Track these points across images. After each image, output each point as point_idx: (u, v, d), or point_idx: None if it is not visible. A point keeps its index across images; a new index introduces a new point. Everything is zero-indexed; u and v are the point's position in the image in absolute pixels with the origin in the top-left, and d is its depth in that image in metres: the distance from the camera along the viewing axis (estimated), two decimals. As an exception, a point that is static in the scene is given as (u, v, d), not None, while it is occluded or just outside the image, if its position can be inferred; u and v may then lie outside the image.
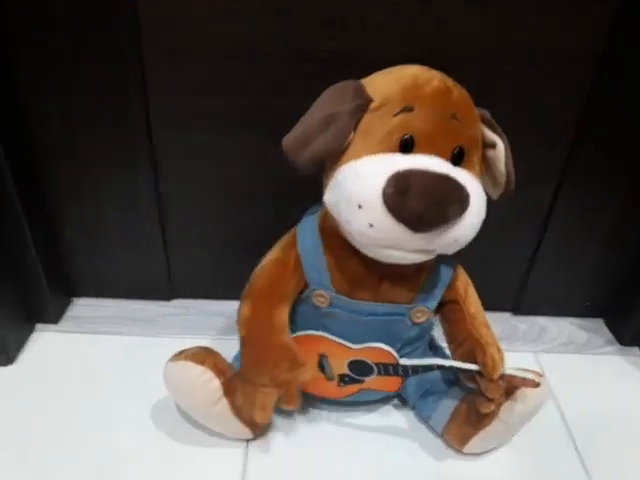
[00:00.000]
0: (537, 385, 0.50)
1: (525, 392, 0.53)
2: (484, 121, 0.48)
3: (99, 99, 0.58)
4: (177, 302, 0.75)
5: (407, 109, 0.43)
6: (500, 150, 0.47)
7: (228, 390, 0.52)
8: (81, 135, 0.60)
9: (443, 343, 0.58)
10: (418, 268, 0.50)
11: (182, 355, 0.52)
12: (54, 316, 0.70)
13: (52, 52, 0.55)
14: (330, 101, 0.45)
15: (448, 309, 0.55)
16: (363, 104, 0.44)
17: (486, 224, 0.67)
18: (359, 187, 0.42)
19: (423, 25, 0.54)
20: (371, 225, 0.42)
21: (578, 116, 0.60)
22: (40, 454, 0.54)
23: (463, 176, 0.43)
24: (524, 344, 0.73)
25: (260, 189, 0.64)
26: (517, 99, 0.59)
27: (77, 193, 0.65)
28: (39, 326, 0.69)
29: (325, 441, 0.57)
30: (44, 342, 0.67)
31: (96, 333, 0.69)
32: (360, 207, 0.42)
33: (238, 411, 0.52)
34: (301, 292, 0.52)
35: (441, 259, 0.51)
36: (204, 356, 0.52)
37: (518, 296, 0.76)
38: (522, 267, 0.73)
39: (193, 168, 0.63)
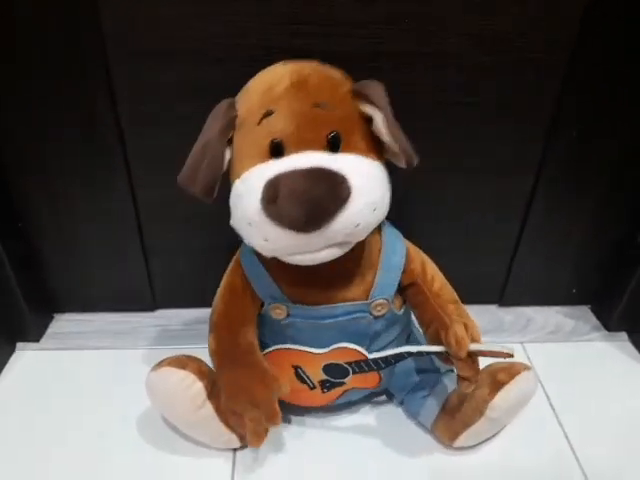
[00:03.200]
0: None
1: (512, 385, 0.52)
2: (358, 96, 0.45)
3: (65, 110, 0.57)
4: (160, 312, 0.74)
5: (267, 114, 0.43)
6: (378, 122, 0.44)
7: (212, 393, 0.52)
8: (51, 148, 0.59)
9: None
10: (363, 261, 0.49)
11: (163, 362, 0.52)
12: (35, 334, 0.69)
13: (13, 66, 0.54)
14: (208, 125, 0.45)
15: (410, 293, 0.53)
16: (229, 123, 0.44)
17: (467, 216, 0.69)
18: (242, 206, 0.42)
19: (395, 18, 0.53)
20: (266, 239, 0.41)
21: (555, 103, 0.60)
22: (27, 472, 0.53)
23: (341, 161, 0.41)
24: (511, 335, 0.73)
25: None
26: (491, 90, 0.58)
27: (51, 207, 0.64)
28: (20, 345, 0.68)
29: (314, 446, 0.57)
30: (25, 361, 0.66)
31: (79, 349, 0.68)
32: (250, 225, 0.41)
33: (223, 415, 0.52)
34: (260, 310, 0.52)
35: (388, 245, 0.51)
36: (185, 361, 0.52)
37: (503, 287, 0.76)
38: (505, 258, 0.73)
39: (168, 176, 0.62)
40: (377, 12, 0.53)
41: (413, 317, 0.57)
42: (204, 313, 0.71)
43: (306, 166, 0.40)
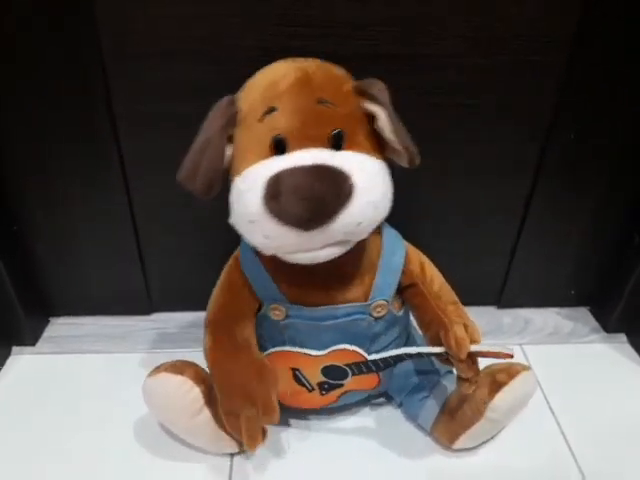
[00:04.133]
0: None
1: (511, 386, 0.52)
2: (361, 93, 0.45)
3: (63, 110, 0.57)
4: (157, 316, 0.74)
5: (270, 110, 0.43)
6: (382, 119, 0.44)
7: (210, 399, 0.51)
8: (48, 149, 0.59)
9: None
10: (362, 262, 0.49)
11: (160, 368, 0.51)
12: (31, 338, 0.69)
13: (12, 65, 0.54)
14: (208, 122, 0.45)
15: (410, 294, 0.53)
16: (231, 119, 0.44)
17: (465, 217, 0.69)
18: (243, 203, 0.41)
19: (391, 20, 0.53)
20: (267, 237, 0.41)
21: (554, 104, 0.60)
22: (24, 476, 0.53)
23: (344, 158, 0.41)
24: (510, 337, 0.72)
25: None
26: (490, 91, 0.58)
27: (47, 209, 0.63)
28: (15, 349, 0.68)
29: (313, 449, 0.56)
30: (21, 366, 0.66)
31: (75, 352, 0.68)
32: (251, 222, 0.41)
33: (221, 421, 0.51)
34: (259, 310, 0.52)
35: (388, 246, 0.51)
36: (182, 366, 0.51)
37: (501, 289, 0.76)
38: (504, 259, 0.73)
39: (165, 177, 0.62)
40: (375, 13, 0.53)
41: (412, 318, 0.57)
42: (201, 317, 0.70)
43: (309, 163, 0.40)
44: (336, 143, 0.43)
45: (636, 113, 0.60)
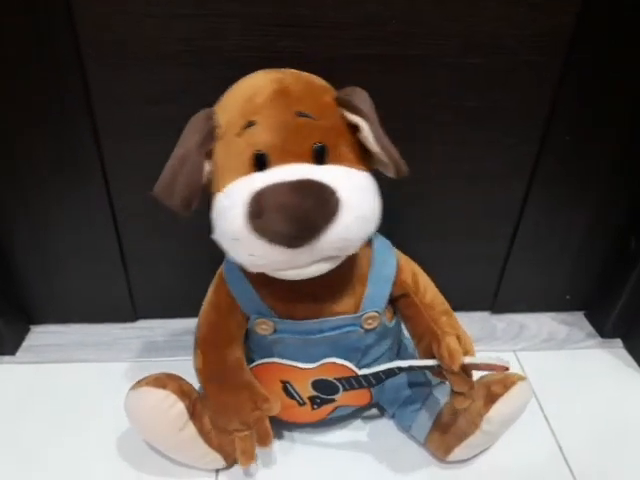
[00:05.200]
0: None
1: (507, 398, 0.51)
2: (343, 104, 0.43)
3: (43, 118, 0.55)
4: (141, 323, 0.72)
5: (249, 125, 0.41)
6: (364, 130, 0.42)
7: (194, 413, 0.50)
8: (27, 155, 0.57)
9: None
10: (351, 273, 0.48)
11: (142, 382, 0.50)
12: (10, 347, 0.67)
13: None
14: (185, 136, 0.43)
15: (402, 305, 0.52)
16: (209, 134, 0.42)
17: (458, 221, 0.68)
18: (226, 220, 0.40)
19: (382, 20, 0.52)
20: (252, 254, 0.40)
21: (549, 106, 0.58)
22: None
23: (329, 173, 0.40)
24: (504, 343, 0.71)
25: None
26: (485, 93, 0.57)
27: (26, 215, 0.61)
28: (-5, 359, 0.66)
29: (302, 463, 0.55)
30: (0, 376, 0.64)
31: (57, 362, 0.66)
32: (235, 240, 0.40)
33: (207, 436, 0.50)
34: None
35: (379, 256, 0.49)
36: (166, 380, 0.50)
37: (495, 294, 0.74)
38: (498, 264, 0.72)
39: (147, 182, 0.60)
40: (363, 14, 0.51)
41: (403, 327, 0.55)
42: (187, 323, 0.70)
43: (292, 179, 0.38)
44: (319, 157, 0.41)
45: (633, 115, 0.59)
